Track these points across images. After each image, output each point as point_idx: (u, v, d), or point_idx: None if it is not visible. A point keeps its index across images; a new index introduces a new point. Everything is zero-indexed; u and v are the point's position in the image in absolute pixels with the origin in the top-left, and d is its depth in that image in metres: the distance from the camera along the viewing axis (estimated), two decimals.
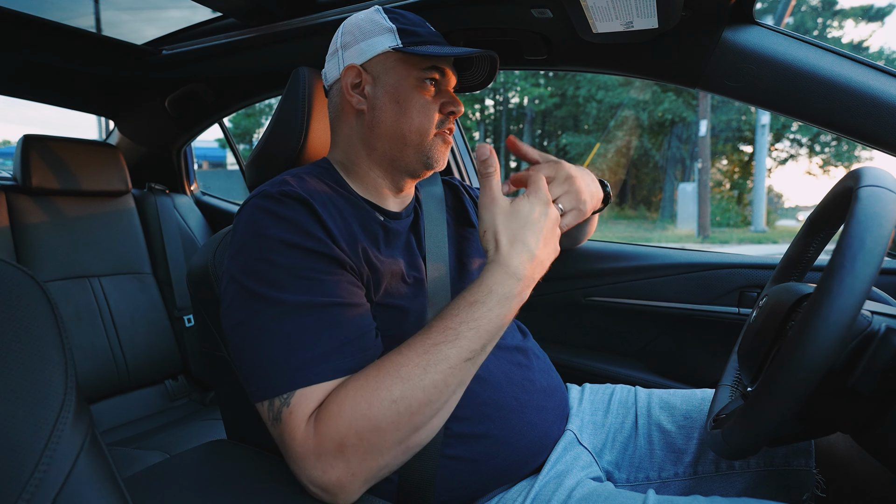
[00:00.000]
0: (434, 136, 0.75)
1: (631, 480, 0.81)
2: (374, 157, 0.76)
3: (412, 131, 0.73)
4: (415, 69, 0.73)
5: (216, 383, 0.84)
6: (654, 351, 1.32)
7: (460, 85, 0.83)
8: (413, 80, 0.73)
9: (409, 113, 0.73)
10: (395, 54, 0.73)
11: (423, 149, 0.74)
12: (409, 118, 0.73)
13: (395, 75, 0.73)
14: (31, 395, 0.38)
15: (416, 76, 0.73)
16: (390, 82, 0.73)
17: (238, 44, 1.38)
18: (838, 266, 0.46)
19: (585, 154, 14.84)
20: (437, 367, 0.55)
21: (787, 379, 0.47)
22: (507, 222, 0.61)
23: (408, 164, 0.75)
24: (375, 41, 0.74)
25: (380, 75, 0.74)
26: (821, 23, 13.67)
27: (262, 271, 0.59)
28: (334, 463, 0.53)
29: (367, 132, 0.75)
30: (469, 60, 0.82)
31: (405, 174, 0.77)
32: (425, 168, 0.76)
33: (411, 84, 0.73)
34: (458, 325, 0.57)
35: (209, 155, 18.50)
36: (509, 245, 0.60)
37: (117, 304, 1.60)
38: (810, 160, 15.22)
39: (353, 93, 0.75)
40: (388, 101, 0.73)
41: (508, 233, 0.61)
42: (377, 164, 0.76)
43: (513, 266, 0.60)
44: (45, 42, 1.40)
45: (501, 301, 0.58)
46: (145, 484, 0.61)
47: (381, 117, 0.74)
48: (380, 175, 0.77)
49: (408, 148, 0.74)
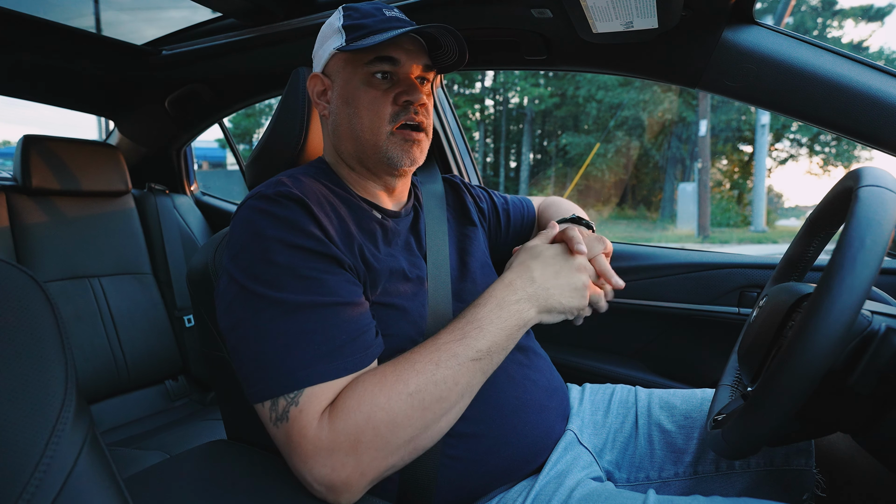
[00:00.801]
0: (389, 135, 0.72)
1: (631, 480, 0.81)
2: (347, 160, 0.77)
3: (364, 130, 0.72)
4: (360, 65, 0.72)
5: (216, 383, 0.84)
6: (654, 351, 1.32)
7: (440, 66, 0.78)
8: (360, 77, 0.72)
9: (360, 112, 0.72)
10: (343, 55, 0.73)
11: (379, 148, 0.72)
12: (359, 118, 0.72)
13: (344, 76, 0.73)
14: (31, 396, 0.38)
15: (362, 72, 0.72)
16: (340, 83, 0.73)
17: (238, 44, 1.38)
18: (838, 266, 0.46)
19: (585, 154, 14.84)
20: (448, 363, 0.57)
21: (787, 379, 0.47)
22: (522, 254, 0.69)
23: (374, 165, 0.75)
24: (327, 45, 0.74)
25: (334, 78, 0.74)
26: (821, 23, 13.67)
27: (262, 272, 0.59)
28: (346, 460, 0.53)
29: (335, 137, 0.76)
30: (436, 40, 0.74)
31: (380, 174, 0.77)
32: (389, 167, 0.74)
33: (359, 81, 0.72)
34: (463, 325, 0.61)
35: (209, 155, 18.50)
36: (516, 267, 0.67)
37: (117, 305, 1.60)
38: (810, 160, 15.23)
39: (320, 100, 0.76)
40: (341, 103, 0.73)
41: (519, 260, 0.68)
42: (353, 168, 0.77)
43: (511, 279, 0.65)
44: (45, 42, 1.40)
45: (500, 305, 0.62)
46: (145, 484, 0.61)
47: (338, 121, 0.74)
48: (361, 177, 0.77)
49: (367, 149, 0.73)
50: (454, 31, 0.70)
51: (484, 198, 1.01)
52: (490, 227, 1.01)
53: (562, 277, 0.65)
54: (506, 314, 0.61)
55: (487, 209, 1.01)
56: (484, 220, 0.98)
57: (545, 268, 0.65)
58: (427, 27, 0.68)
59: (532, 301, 0.63)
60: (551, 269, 0.65)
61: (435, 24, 0.68)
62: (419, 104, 0.72)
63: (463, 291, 0.79)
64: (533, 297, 0.63)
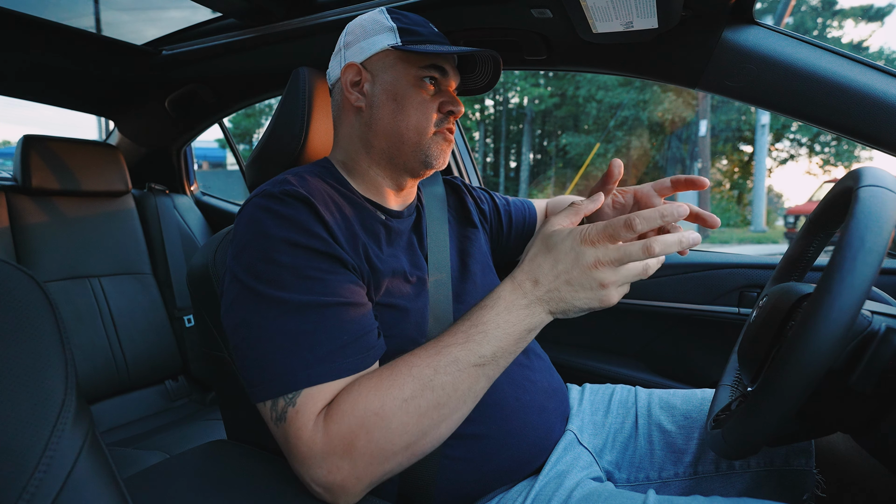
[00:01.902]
0: (432, 135, 0.74)
1: (631, 480, 0.81)
2: (373, 155, 0.76)
3: (409, 129, 0.73)
4: (413, 67, 0.73)
5: (216, 383, 0.84)
6: (654, 351, 1.32)
7: (464, 87, 0.83)
8: (411, 79, 0.73)
9: (407, 111, 0.73)
10: (395, 52, 0.73)
11: (420, 147, 0.74)
12: (406, 116, 0.73)
13: (394, 73, 0.74)
14: (31, 396, 0.38)
15: (414, 74, 0.73)
16: (388, 80, 0.74)
17: (238, 44, 1.38)
18: (838, 266, 0.46)
19: (585, 154, 14.84)
20: (447, 368, 0.55)
21: (787, 379, 0.47)
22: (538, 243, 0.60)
23: (406, 163, 0.75)
24: (375, 39, 0.74)
25: (379, 73, 0.74)
26: (821, 23, 13.67)
27: (265, 271, 0.59)
28: (340, 464, 0.53)
29: (366, 130, 0.75)
30: (472, 63, 0.81)
31: (405, 173, 0.77)
32: (424, 167, 0.76)
33: (409, 82, 0.73)
34: (468, 328, 0.57)
35: (209, 155, 18.51)
36: (527, 263, 0.59)
37: (117, 305, 1.60)
38: (810, 160, 15.24)
39: (353, 90, 0.75)
40: (386, 98, 0.73)
41: (532, 253, 0.60)
42: (376, 163, 0.76)
43: (521, 281, 0.58)
44: (46, 42, 1.40)
45: (509, 308, 0.57)
46: (145, 484, 0.61)
47: (378, 115, 0.74)
48: (380, 174, 0.77)
49: (405, 146, 0.74)
50: (499, 59, 0.78)
51: (485, 199, 1.01)
52: (491, 229, 1.01)
53: (572, 278, 0.56)
54: (514, 318, 0.57)
55: (489, 210, 1.01)
56: (485, 221, 0.98)
57: (556, 265, 0.56)
58: (486, 51, 0.73)
59: (543, 304, 0.57)
60: (563, 265, 0.56)
61: (491, 51, 0.74)
62: (456, 116, 0.76)
63: (464, 293, 0.79)
64: (544, 301, 0.57)
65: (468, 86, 0.84)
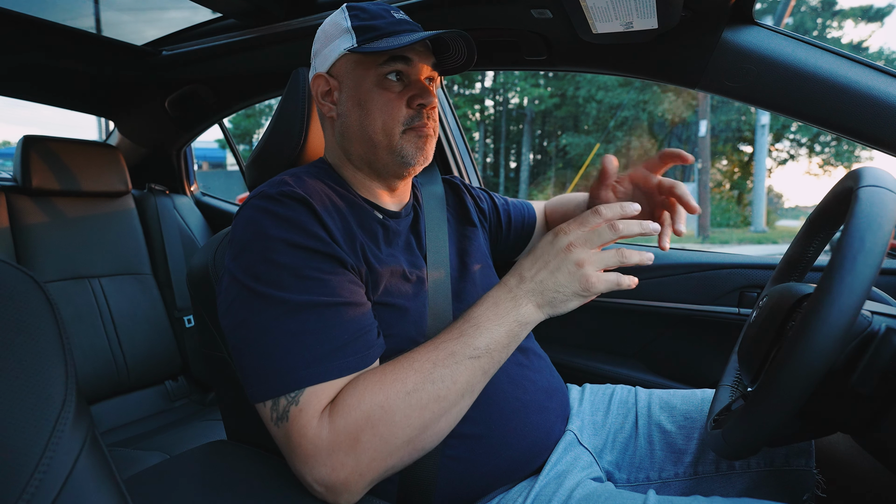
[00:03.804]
0: (402, 134, 0.72)
1: (631, 481, 0.81)
2: (354, 161, 0.76)
3: (377, 132, 0.72)
4: (373, 67, 0.71)
5: (216, 384, 0.84)
6: (654, 351, 1.32)
7: (443, 67, 0.79)
8: (373, 79, 0.71)
9: (373, 114, 0.71)
10: (353, 55, 0.72)
11: (393, 148, 0.72)
12: (372, 120, 0.71)
13: (355, 77, 0.72)
14: (31, 396, 0.38)
15: (375, 73, 0.71)
16: (351, 85, 0.73)
17: (238, 44, 1.38)
18: (838, 266, 0.46)
19: (585, 154, 14.84)
20: (445, 361, 0.57)
21: (787, 379, 0.47)
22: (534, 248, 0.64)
23: (385, 165, 0.74)
24: (335, 45, 0.73)
25: (343, 79, 0.73)
26: (820, 23, 13.68)
27: (265, 271, 0.59)
28: (345, 460, 0.53)
29: (342, 139, 0.75)
30: (444, 42, 0.75)
31: (388, 175, 0.76)
32: (404, 166, 0.74)
33: (372, 83, 0.72)
34: (461, 324, 0.60)
35: (209, 155, 18.50)
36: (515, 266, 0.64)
37: (117, 305, 1.60)
38: (810, 160, 15.25)
39: (325, 101, 0.75)
40: (352, 105, 0.73)
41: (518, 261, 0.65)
42: (359, 168, 0.77)
43: (506, 279, 0.63)
44: (46, 43, 1.40)
45: (496, 302, 0.61)
46: (145, 484, 0.61)
47: (348, 123, 0.74)
48: (366, 177, 0.77)
49: (379, 150, 0.73)
50: (467, 35, 0.71)
51: (484, 199, 1.02)
52: (491, 228, 1.01)
53: (549, 264, 0.60)
54: (502, 311, 0.60)
55: (488, 209, 1.01)
56: (484, 220, 0.98)
57: (534, 261, 0.61)
58: (442, 33, 0.68)
59: (528, 297, 0.60)
60: (541, 259, 0.60)
61: (449, 30, 0.69)
62: (430, 108, 0.73)
63: (463, 292, 0.79)
64: (529, 293, 0.60)
65: (447, 65, 0.79)
